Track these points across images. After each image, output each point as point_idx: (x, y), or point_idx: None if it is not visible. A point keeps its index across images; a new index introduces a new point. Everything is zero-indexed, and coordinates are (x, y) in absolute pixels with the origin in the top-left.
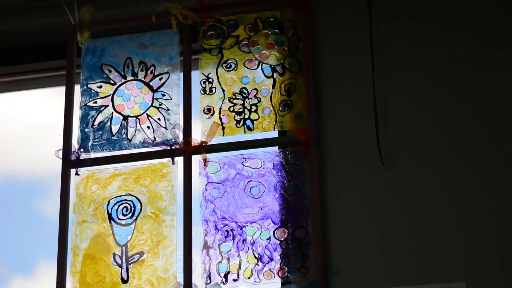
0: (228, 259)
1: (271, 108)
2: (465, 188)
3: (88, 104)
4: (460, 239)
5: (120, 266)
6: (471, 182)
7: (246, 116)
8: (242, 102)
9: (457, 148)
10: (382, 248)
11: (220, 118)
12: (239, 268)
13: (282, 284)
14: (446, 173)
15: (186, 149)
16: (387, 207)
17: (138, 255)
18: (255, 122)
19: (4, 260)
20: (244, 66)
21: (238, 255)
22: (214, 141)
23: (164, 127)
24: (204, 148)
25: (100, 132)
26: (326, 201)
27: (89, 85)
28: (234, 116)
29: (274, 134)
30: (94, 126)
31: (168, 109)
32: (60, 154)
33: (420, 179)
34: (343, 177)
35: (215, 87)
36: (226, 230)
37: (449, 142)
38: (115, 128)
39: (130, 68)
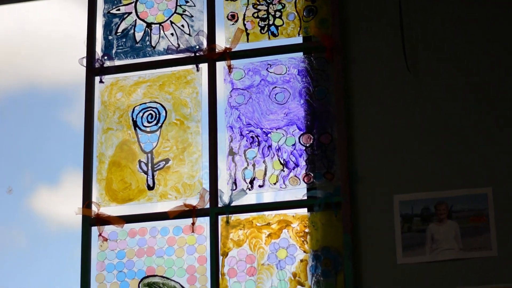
0: (253, 165)
1: (296, 14)
2: (491, 92)
3: (111, 11)
4: (485, 145)
5: (146, 173)
6: (497, 85)
7: (270, 22)
8: (266, 8)
9: (482, 54)
10: (407, 154)
11: (244, 25)
12: (265, 174)
13: (308, 189)
14: (471, 77)
15: (210, 56)
16: (412, 112)
17: (164, 162)
18: (279, 28)
19: (29, 170)
20: None
21: (264, 161)
22: (238, 47)
23: (188, 34)
24: (229, 55)
25: (124, 40)
26: (351, 106)
27: None
28: (258, 22)
29: (298, 40)
30: (118, 34)
31: (192, 16)
32: (84, 62)
33: (445, 84)
34: (368, 82)
35: None
36: (251, 137)
37: (475, 47)
38: (138, 36)
39: None
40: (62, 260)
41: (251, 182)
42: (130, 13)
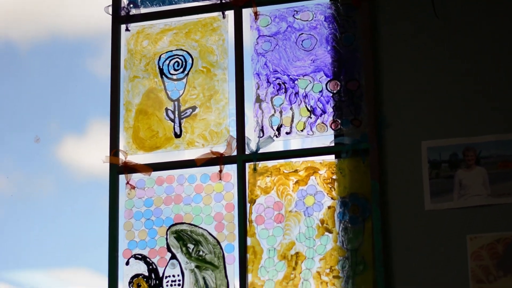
0: (280, 112)
1: None
2: None
3: None
4: None
5: (173, 120)
6: None
7: None
8: None
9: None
10: (435, 99)
11: None
12: (292, 121)
13: (335, 136)
14: (499, 21)
15: (236, 3)
16: (440, 58)
17: (191, 110)
18: None
19: (56, 119)
20: None
21: (291, 108)
22: None
23: None
24: (255, 1)
25: None
26: (378, 52)
27: None
28: None
29: None
30: None
31: None
32: (110, 10)
33: (474, 29)
34: (395, 28)
35: None
36: (278, 84)
37: None
38: None
39: None
40: (90, 209)
41: (278, 129)
42: None
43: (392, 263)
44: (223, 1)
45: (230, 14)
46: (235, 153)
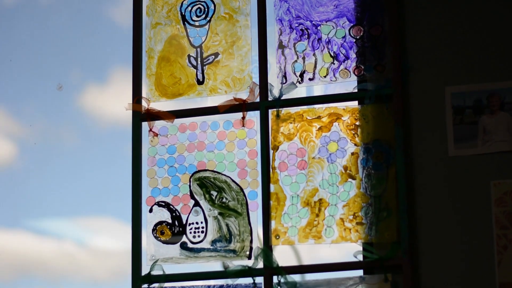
0: (303, 58)
1: None
2: None
3: None
4: None
5: (195, 67)
6: None
7: None
8: None
9: None
10: (459, 45)
11: None
12: (315, 67)
13: (358, 82)
14: None
15: None
16: (465, 2)
17: (213, 56)
18: None
19: (78, 68)
20: None
21: (314, 54)
22: None
23: None
24: None
25: None
26: None
27: None
28: None
29: None
30: None
31: None
32: None
33: None
34: None
35: None
36: (301, 29)
37: None
38: None
39: None
40: (112, 157)
41: (301, 75)
42: None
43: (416, 209)
44: None
45: None
46: (258, 99)
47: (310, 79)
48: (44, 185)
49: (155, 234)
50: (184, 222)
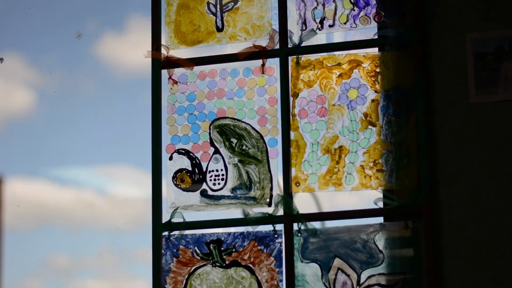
0: (323, 4)
1: None
2: None
3: None
4: None
5: (215, 14)
6: None
7: None
8: None
9: None
10: None
11: None
12: (335, 13)
13: (379, 29)
14: None
15: None
16: None
17: (232, 3)
18: None
19: (96, 16)
20: None
21: (334, 0)
22: None
23: None
24: None
25: None
26: None
27: None
28: None
29: None
30: None
31: None
32: None
33: None
34: None
35: None
36: None
37: None
38: None
39: None
40: (132, 105)
41: (321, 22)
42: None
43: (436, 156)
44: None
45: None
46: (277, 46)
47: (330, 26)
48: (64, 133)
49: (175, 182)
50: (204, 170)
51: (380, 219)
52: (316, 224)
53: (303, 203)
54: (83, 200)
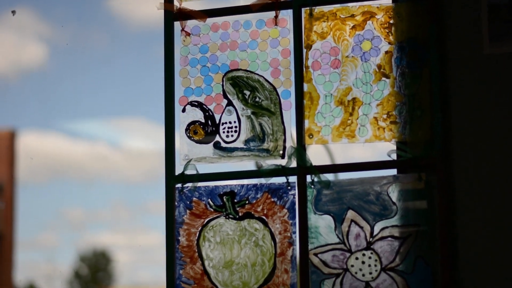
0: None
1: None
2: None
3: None
4: None
5: None
6: None
7: None
8: None
9: None
10: None
11: None
12: None
13: None
14: None
15: None
16: None
17: None
18: None
19: None
20: None
21: None
22: None
23: None
24: None
25: None
26: None
27: None
28: None
29: None
30: None
31: None
32: None
33: None
34: None
35: None
36: None
37: None
38: None
39: None
40: (145, 58)
41: None
42: None
43: (450, 108)
44: None
45: None
46: None
47: None
48: (77, 87)
49: (188, 134)
50: (217, 122)
51: (393, 171)
52: (330, 176)
53: (316, 155)
54: (96, 153)
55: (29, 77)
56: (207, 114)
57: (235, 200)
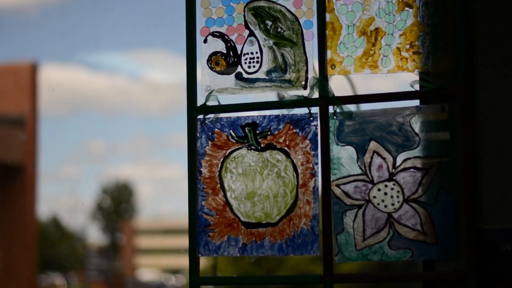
0: None
1: None
2: None
3: None
4: None
5: None
6: None
7: None
8: None
9: None
10: None
11: None
12: None
13: None
14: None
15: None
16: None
17: None
18: None
19: None
20: None
21: None
22: None
23: None
24: None
25: None
26: None
27: None
28: None
29: None
30: None
31: None
32: None
33: None
34: None
35: None
36: None
37: None
38: None
39: None
40: None
41: None
42: None
43: (473, 38)
44: None
45: None
46: None
47: None
48: (98, 19)
49: (209, 65)
50: (239, 53)
51: (416, 102)
52: (352, 107)
53: (338, 86)
54: (117, 85)
55: (49, 9)
56: (228, 44)
57: (257, 131)
